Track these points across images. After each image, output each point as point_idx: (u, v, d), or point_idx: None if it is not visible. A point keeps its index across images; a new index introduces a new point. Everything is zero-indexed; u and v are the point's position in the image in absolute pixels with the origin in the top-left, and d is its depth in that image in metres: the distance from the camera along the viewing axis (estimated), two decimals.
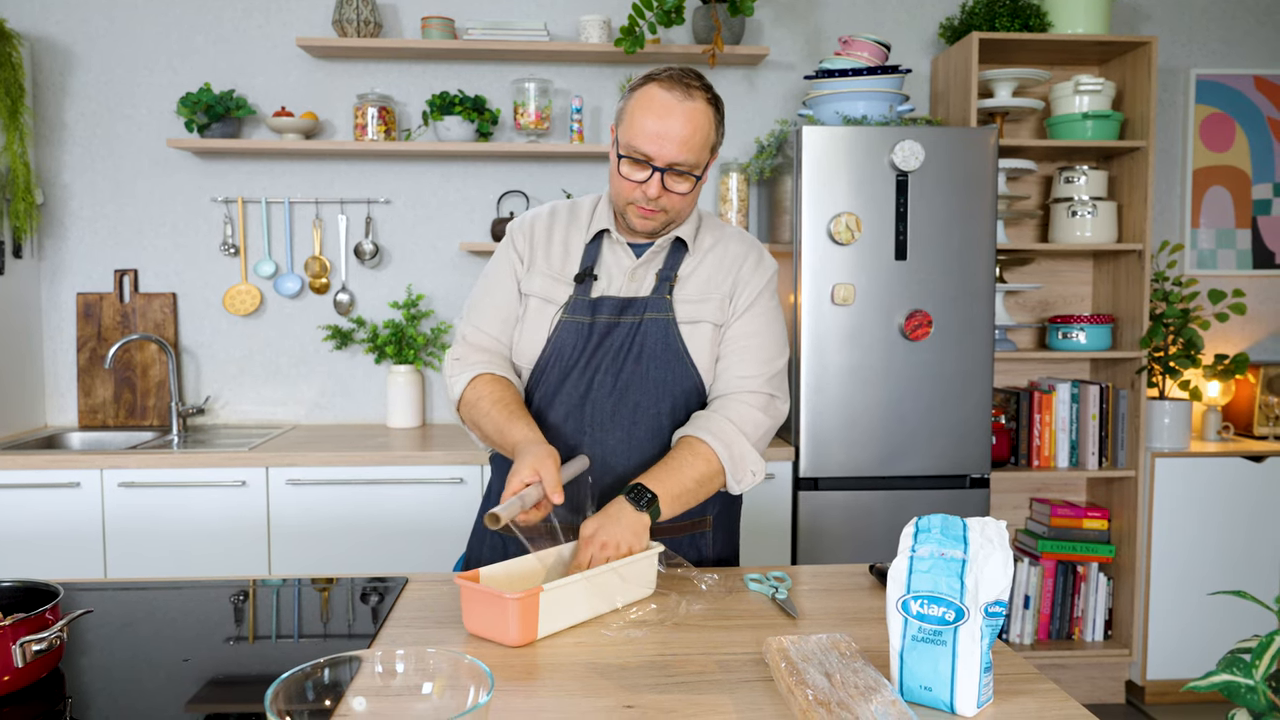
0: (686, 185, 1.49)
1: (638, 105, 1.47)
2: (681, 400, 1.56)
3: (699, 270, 1.59)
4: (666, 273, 1.57)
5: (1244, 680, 0.79)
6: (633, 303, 1.55)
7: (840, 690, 1.01)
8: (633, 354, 1.54)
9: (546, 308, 1.58)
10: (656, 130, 1.45)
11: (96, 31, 3.15)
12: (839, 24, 3.32)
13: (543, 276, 1.59)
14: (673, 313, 1.55)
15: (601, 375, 1.54)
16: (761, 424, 1.55)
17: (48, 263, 3.19)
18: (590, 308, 1.55)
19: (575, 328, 1.55)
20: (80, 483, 2.60)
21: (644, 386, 1.54)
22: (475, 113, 3.11)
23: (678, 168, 1.47)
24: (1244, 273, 3.46)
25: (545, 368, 1.57)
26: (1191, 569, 3.09)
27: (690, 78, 1.47)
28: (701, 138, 1.47)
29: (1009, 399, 3.21)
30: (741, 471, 1.52)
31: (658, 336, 1.54)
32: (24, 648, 1.08)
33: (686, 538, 1.62)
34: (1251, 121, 3.44)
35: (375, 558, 2.67)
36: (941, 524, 1.08)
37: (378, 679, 0.94)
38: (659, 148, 1.45)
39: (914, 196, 2.76)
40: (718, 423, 1.51)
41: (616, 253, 1.59)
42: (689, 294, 1.57)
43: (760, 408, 1.55)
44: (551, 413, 1.56)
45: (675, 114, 1.44)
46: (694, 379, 1.56)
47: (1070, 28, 3.09)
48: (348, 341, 3.21)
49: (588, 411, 1.54)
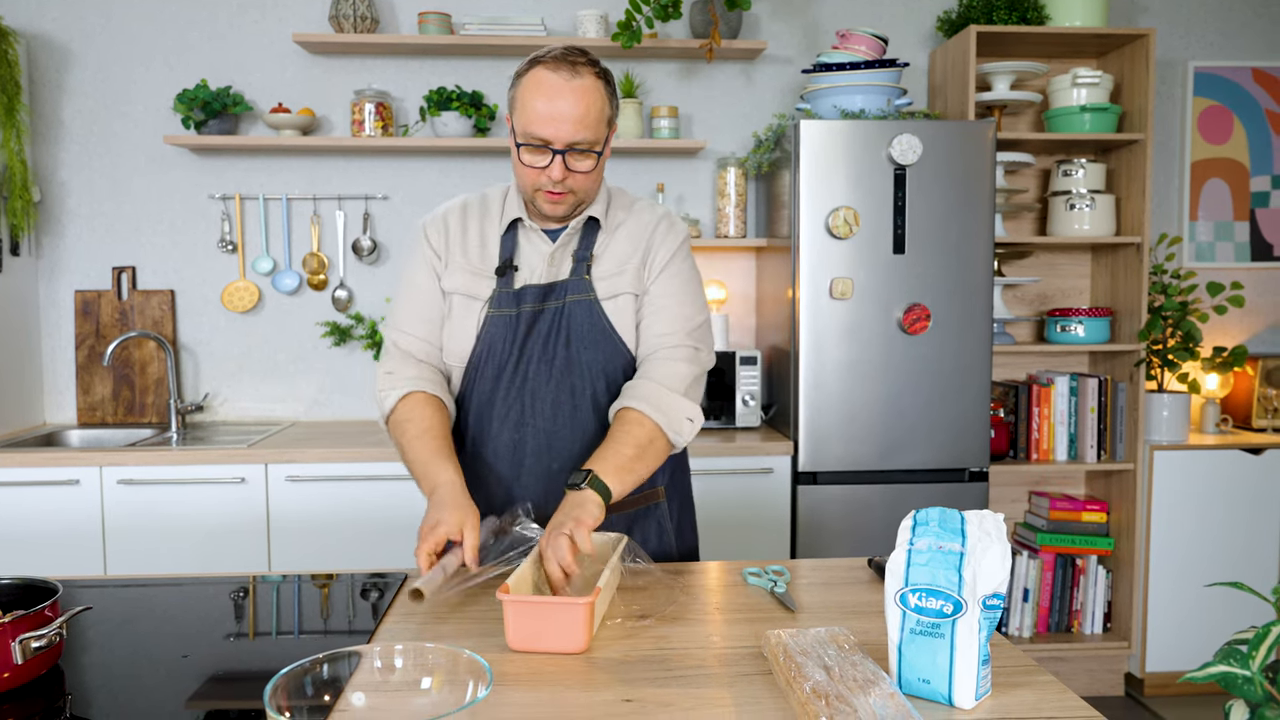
0: (589, 163, 1.49)
1: (527, 90, 1.46)
2: (617, 378, 1.56)
3: (612, 246, 1.59)
4: (583, 253, 1.57)
5: (1241, 671, 0.80)
6: (554, 288, 1.55)
7: (839, 683, 1.01)
8: (561, 339, 1.54)
9: (472, 304, 1.57)
10: (549, 112, 1.44)
11: (93, 28, 3.14)
12: (836, 18, 3.31)
13: (463, 272, 1.58)
14: (594, 292, 1.55)
15: (535, 365, 1.54)
16: (686, 374, 1.54)
17: (45, 260, 3.19)
18: (515, 299, 1.55)
19: (503, 321, 1.55)
20: (79, 480, 2.60)
21: (578, 370, 1.54)
22: (472, 108, 3.10)
23: (577, 146, 1.46)
24: (1242, 265, 3.46)
25: (479, 365, 1.56)
26: (1190, 561, 3.09)
27: (575, 55, 1.47)
28: (596, 113, 1.46)
29: (1007, 392, 3.21)
30: (677, 422, 1.50)
31: (583, 318, 1.54)
32: (23, 645, 1.08)
33: (643, 510, 1.63)
34: (1250, 114, 3.44)
35: (374, 553, 2.67)
36: (939, 517, 1.08)
37: (377, 674, 0.94)
38: (555, 129, 1.44)
39: (912, 190, 2.76)
40: (641, 386, 1.51)
41: (532, 240, 1.59)
42: (606, 269, 1.57)
43: (684, 359, 1.55)
44: (491, 410, 1.56)
45: (565, 94, 1.44)
46: (624, 355, 1.57)
47: (1068, 20, 3.09)
48: (346, 338, 3.21)
49: (527, 403, 1.54)
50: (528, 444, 1.55)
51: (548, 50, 1.48)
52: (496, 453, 1.56)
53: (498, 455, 1.56)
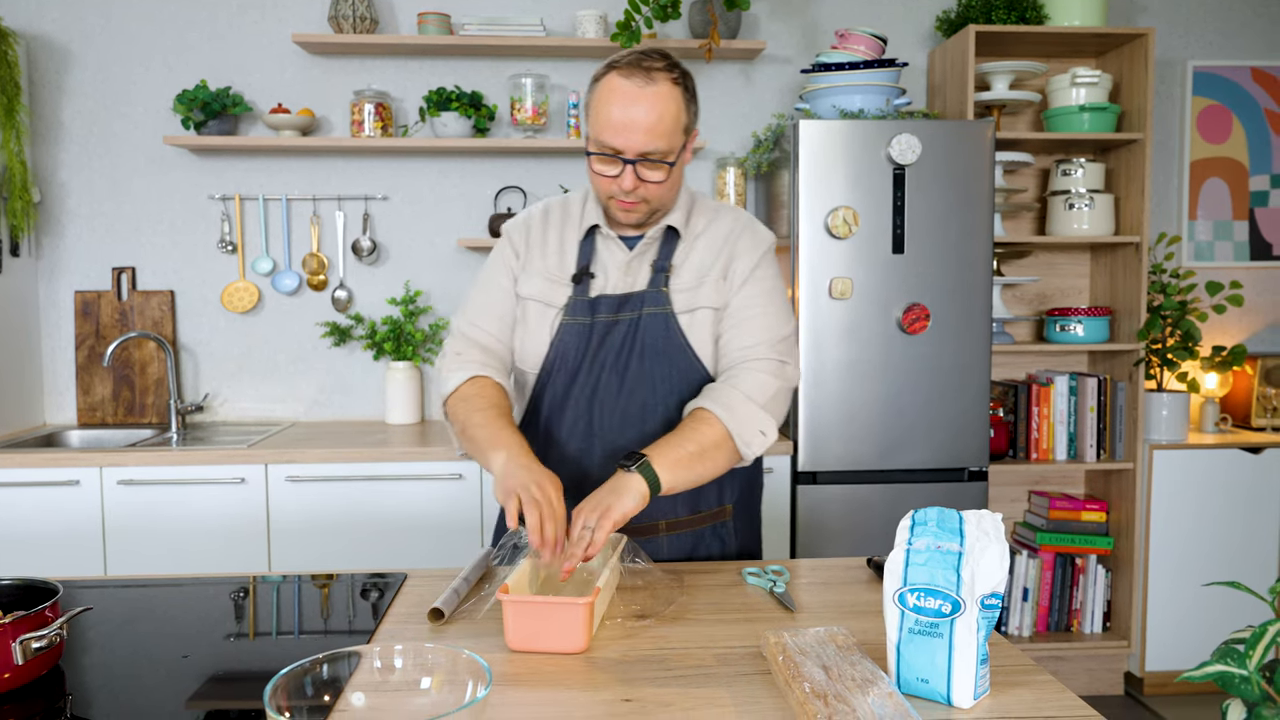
0: (661, 174, 1.44)
1: (600, 97, 1.42)
2: (688, 393, 1.52)
3: (692, 256, 1.55)
4: (661, 263, 1.53)
5: (1238, 671, 0.80)
6: (629, 299, 1.52)
7: (837, 683, 1.01)
8: (635, 352, 1.51)
9: (546, 311, 1.55)
10: (621, 121, 1.39)
11: (92, 29, 3.14)
12: (835, 17, 3.32)
13: (540, 278, 1.56)
14: (670, 305, 1.51)
15: (606, 376, 1.51)
16: (769, 386, 1.48)
17: (45, 261, 3.19)
18: (589, 308, 1.53)
19: (576, 330, 1.52)
20: (79, 480, 2.60)
21: (650, 384, 1.51)
22: (472, 108, 3.10)
23: (649, 157, 1.42)
24: (1241, 264, 3.47)
25: (551, 372, 1.54)
26: (1189, 560, 3.09)
27: (652, 59, 1.41)
28: (670, 122, 1.41)
29: (1007, 392, 3.21)
30: (749, 432, 1.44)
31: (657, 331, 1.51)
32: (24, 645, 1.08)
33: (709, 529, 1.60)
34: (1249, 113, 3.44)
35: (374, 554, 2.67)
36: (938, 517, 1.08)
37: (376, 674, 0.94)
38: (626, 139, 1.40)
39: (911, 190, 2.76)
40: (720, 389, 1.47)
41: (610, 247, 1.56)
42: (684, 282, 1.53)
43: (768, 372, 1.48)
44: (560, 418, 1.54)
45: (639, 102, 1.39)
46: (699, 371, 1.53)
47: (1067, 20, 3.09)
48: (346, 338, 3.21)
49: (596, 414, 1.52)
50: (595, 454, 1.52)
51: (625, 54, 1.43)
52: (562, 461, 1.53)
53: (563, 464, 1.52)
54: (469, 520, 2.70)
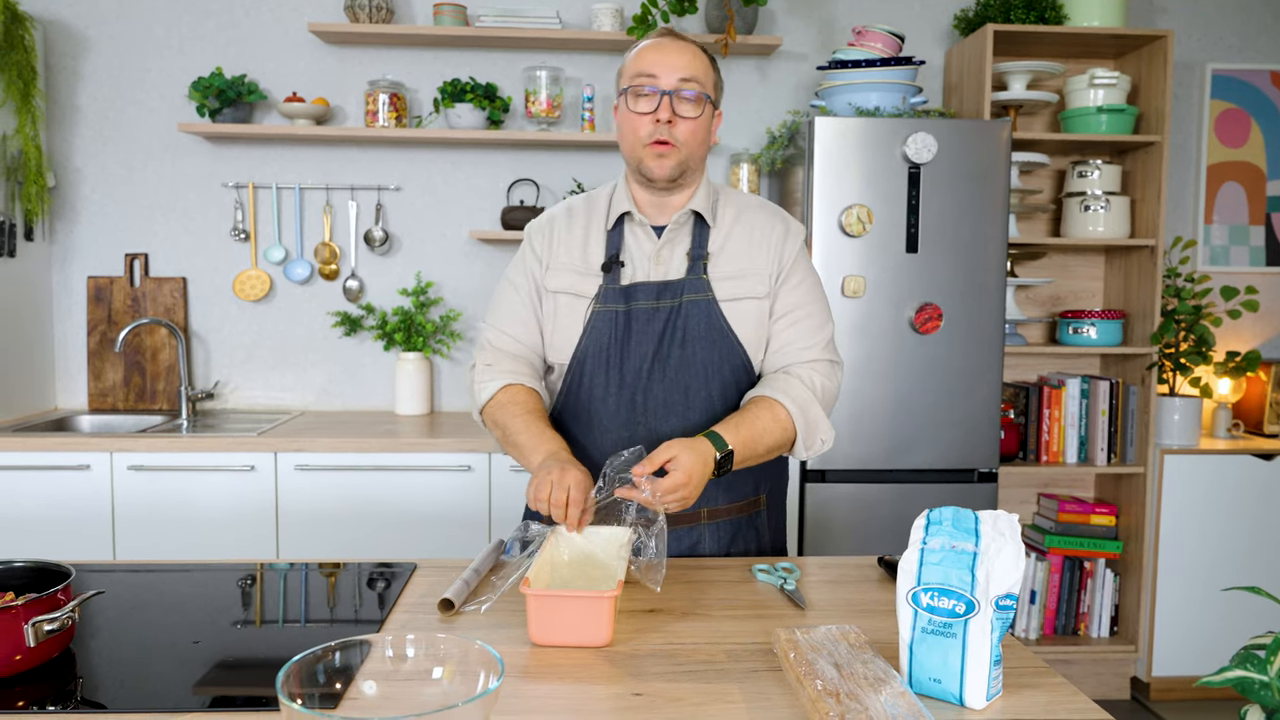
0: (695, 110, 1.51)
1: (634, 54, 1.55)
2: (731, 379, 1.55)
3: (728, 245, 1.58)
4: (698, 251, 1.56)
5: (1258, 676, 0.79)
6: (668, 286, 1.54)
7: (849, 681, 1.00)
8: (677, 338, 1.53)
9: (577, 302, 1.56)
10: (656, 57, 1.50)
11: (108, 15, 3.14)
12: (852, 14, 3.30)
13: (568, 272, 1.58)
14: (712, 292, 1.54)
15: (648, 363, 1.53)
16: (830, 390, 1.57)
17: (59, 246, 3.20)
18: (623, 295, 1.54)
19: (610, 317, 1.54)
20: (90, 465, 2.61)
21: (692, 369, 1.53)
22: (486, 100, 3.10)
23: (685, 89, 1.49)
24: (1257, 269, 3.44)
25: (583, 359, 1.55)
26: (1199, 566, 3.08)
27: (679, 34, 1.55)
28: (702, 65, 1.52)
29: (1018, 393, 3.20)
30: (812, 438, 1.53)
31: (700, 318, 1.53)
32: (36, 627, 1.09)
33: (745, 519, 1.62)
34: (1267, 117, 3.42)
35: (382, 544, 2.67)
36: (953, 516, 1.07)
37: (388, 663, 0.94)
38: (663, 68, 1.49)
39: (926, 189, 2.75)
40: (795, 386, 1.51)
41: (639, 236, 1.58)
42: (724, 270, 1.56)
43: (825, 375, 1.57)
44: (601, 406, 1.55)
45: (671, 48, 1.51)
46: (741, 356, 1.56)
47: (1086, 20, 3.07)
48: (357, 328, 3.22)
49: (639, 401, 1.53)
50: (638, 440, 1.52)
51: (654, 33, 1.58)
52: (603, 450, 1.53)
53: (604, 453, 1.52)
54: (477, 512, 2.70)
